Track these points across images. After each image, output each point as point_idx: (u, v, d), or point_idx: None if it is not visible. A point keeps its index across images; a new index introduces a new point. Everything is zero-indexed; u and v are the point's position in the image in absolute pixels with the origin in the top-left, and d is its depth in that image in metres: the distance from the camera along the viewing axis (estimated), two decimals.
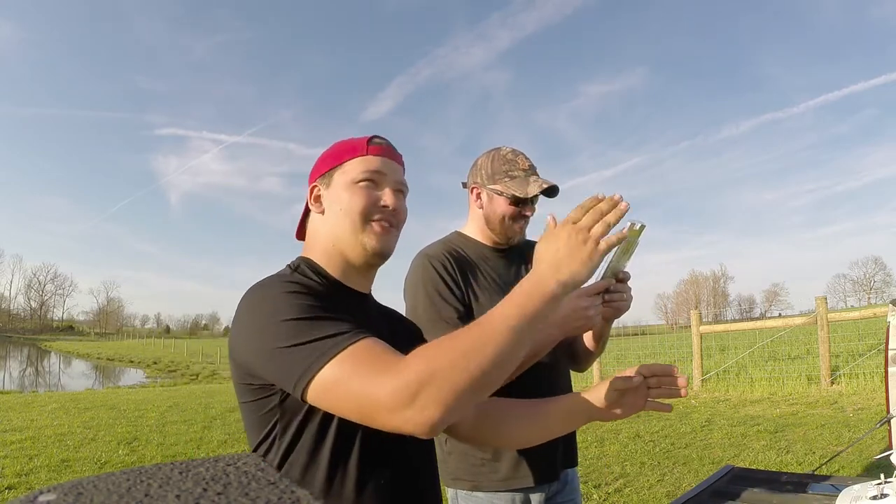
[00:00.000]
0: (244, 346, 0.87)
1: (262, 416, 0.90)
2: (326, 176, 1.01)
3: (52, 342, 64.42)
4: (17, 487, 4.36)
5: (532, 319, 0.78)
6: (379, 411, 0.75)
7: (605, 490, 4.04)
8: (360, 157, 1.00)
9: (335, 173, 1.00)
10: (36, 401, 10.34)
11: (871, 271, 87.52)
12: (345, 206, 0.97)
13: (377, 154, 1.01)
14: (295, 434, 0.88)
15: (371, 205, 0.97)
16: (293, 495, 0.27)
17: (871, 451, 4.32)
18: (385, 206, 0.98)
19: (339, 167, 1.00)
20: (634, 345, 11.70)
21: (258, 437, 0.91)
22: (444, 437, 1.37)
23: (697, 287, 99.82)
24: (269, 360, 0.83)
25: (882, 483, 1.22)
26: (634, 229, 1.15)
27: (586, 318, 1.19)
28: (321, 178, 1.02)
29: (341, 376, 0.78)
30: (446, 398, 0.73)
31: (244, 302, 0.89)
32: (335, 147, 1.04)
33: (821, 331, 7.39)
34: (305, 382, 0.79)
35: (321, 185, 1.02)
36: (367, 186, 0.98)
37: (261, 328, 0.84)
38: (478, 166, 1.47)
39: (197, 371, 25.85)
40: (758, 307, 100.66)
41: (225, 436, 6.57)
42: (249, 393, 0.90)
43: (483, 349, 0.75)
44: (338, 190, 0.99)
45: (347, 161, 1.00)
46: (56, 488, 0.27)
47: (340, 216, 0.97)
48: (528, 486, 1.36)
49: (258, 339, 0.84)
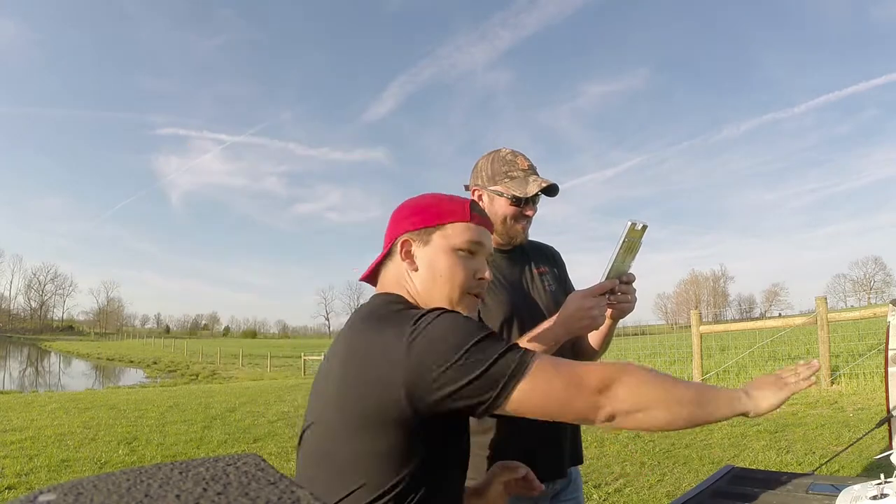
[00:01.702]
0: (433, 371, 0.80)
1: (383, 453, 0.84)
2: (424, 233, 0.99)
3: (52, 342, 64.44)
4: (17, 487, 4.36)
5: (716, 419, 0.89)
6: (584, 392, 0.81)
7: (605, 490, 4.04)
8: (465, 223, 0.99)
9: (435, 234, 0.98)
10: (36, 401, 10.34)
11: (871, 271, 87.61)
12: (445, 273, 0.96)
13: (479, 224, 1.01)
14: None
15: (472, 277, 0.98)
16: (293, 495, 0.27)
17: (871, 451, 4.32)
18: (482, 279, 0.99)
19: (441, 228, 0.98)
20: (634, 345, 11.70)
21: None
22: None
23: (697, 287, 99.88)
24: (469, 381, 0.80)
25: (882, 483, 1.22)
26: (636, 229, 1.15)
27: (591, 318, 1.19)
28: (417, 234, 0.99)
29: (545, 372, 0.82)
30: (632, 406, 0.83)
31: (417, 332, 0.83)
32: (433, 203, 1.01)
33: (821, 331, 7.39)
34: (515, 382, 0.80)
35: (416, 242, 0.99)
36: (467, 257, 0.98)
37: (453, 348, 0.81)
38: (478, 168, 1.48)
39: (197, 371, 25.88)
40: (758, 307, 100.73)
41: (225, 436, 6.56)
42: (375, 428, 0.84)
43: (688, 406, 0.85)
44: (437, 253, 0.97)
45: (450, 224, 0.98)
46: (56, 488, 0.27)
47: (440, 281, 0.97)
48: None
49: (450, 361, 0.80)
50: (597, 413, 0.82)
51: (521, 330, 1.36)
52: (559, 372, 0.83)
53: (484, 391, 0.80)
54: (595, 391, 0.81)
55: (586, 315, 1.19)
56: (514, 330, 1.38)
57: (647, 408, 0.82)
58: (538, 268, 1.51)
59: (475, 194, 1.48)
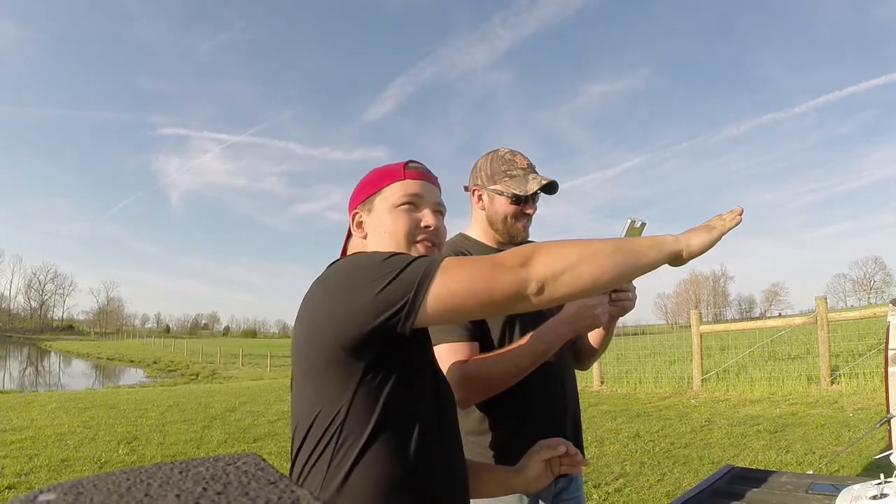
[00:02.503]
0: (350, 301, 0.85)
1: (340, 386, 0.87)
2: (367, 202, 1.06)
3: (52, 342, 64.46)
4: (17, 487, 4.36)
5: (647, 264, 0.90)
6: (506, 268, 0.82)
7: (605, 490, 4.04)
8: (399, 181, 1.05)
9: (376, 199, 1.05)
10: (36, 400, 10.33)
11: (871, 271, 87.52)
12: (389, 229, 1.02)
13: (415, 178, 1.06)
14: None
15: (414, 226, 1.03)
16: (293, 495, 0.27)
17: (871, 451, 4.32)
18: (427, 226, 1.04)
19: (379, 193, 1.05)
20: (634, 344, 11.68)
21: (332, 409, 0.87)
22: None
23: (697, 287, 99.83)
24: (378, 296, 0.82)
25: (882, 483, 1.22)
26: (636, 227, 1.16)
27: (595, 316, 1.21)
28: (362, 205, 1.07)
29: (460, 262, 0.85)
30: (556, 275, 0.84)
31: (331, 278, 0.90)
32: (372, 174, 1.09)
33: (821, 331, 7.39)
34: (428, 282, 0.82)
35: (362, 212, 1.07)
36: (408, 209, 1.03)
37: (364, 275, 0.85)
38: (477, 168, 1.49)
39: (197, 371, 25.88)
40: (758, 307, 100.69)
41: (225, 435, 6.57)
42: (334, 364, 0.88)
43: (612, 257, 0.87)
44: (380, 214, 1.04)
45: (387, 186, 1.05)
46: (56, 488, 0.27)
47: (385, 238, 1.02)
48: None
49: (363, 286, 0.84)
50: (526, 286, 0.82)
51: (522, 330, 1.36)
52: (475, 260, 0.86)
53: (400, 296, 0.82)
54: (516, 266, 0.83)
55: (590, 313, 1.21)
56: (516, 330, 1.38)
57: (572, 266, 0.83)
58: None
59: (475, 194, 1.49)
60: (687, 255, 0.94)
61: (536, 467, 1.12)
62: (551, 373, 1.37)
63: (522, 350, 1.26)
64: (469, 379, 1.25)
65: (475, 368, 1.26)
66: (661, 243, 0.92)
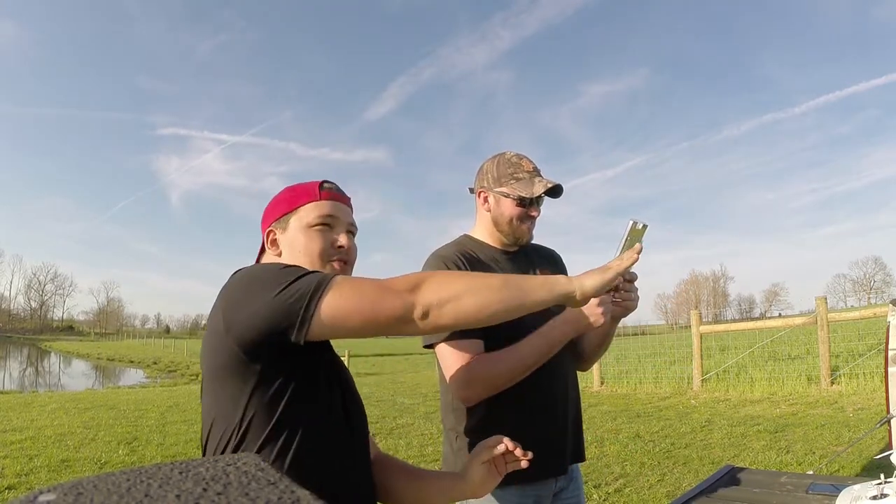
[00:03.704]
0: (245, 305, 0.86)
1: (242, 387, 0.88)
2: (282, 221, 1.08)
3: (52, 342, 64.44)
4: (17, 487, 4.36)
5: (536, 301, 0.91)
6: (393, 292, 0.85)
7: (605, 490, 4.04)
8: (314, 201, 1.07)
9: (291, 218, 1.07)
10: (36, 401, 10.34)
11: (871, 271, 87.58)
12: (303, 248, 1.04)
13: (329, 199, 1.08)
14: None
15: (329, 246, 1.05)
16: (293, 495, 0.27)
17: (871, 451, 4.32)
18: (340, 246, 1.06)
19: (294, 213, 1.07)
20: (634, 345, 11.67)
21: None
22: (455, 434, 1.40)
23: (697, 287, 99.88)
24: (272, 301, 0.84)
25: (882, 483, 1.22)
26: (638, 229, 1.16)
27: (597, 315, 1.23)
28: (277, 223, 1.08)
29: (352, 282, 0.87)
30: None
31: (232, 285, 0.91)
32: (287, 193, 1.10)
33: (821, 331, 7.39)
34: (319, 296, 0.83)
35: (277, 230, 1.08)
36: (322, 230, 1.05)
37: (260, 282, 0.87)
38: (484, 171, 1.50)
39: (197, 371, 25.85)
40: (758, 307, 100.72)
41: None
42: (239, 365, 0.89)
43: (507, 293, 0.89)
44: (295, 233, 1.05)
45: (302, 206, 1.06)
46: (56, 488, 0.27)
47: (300, 257, 1.03)
48: (538, 479, 1.37)
49: (259, 291, 0.86)
50: (412, 311, 0.84)
51: (526, 329, 1.37)
52: (365, 281, 0.88)
53: (292, 309, 0.83)
54: (405, 290, 0.85)
55: (593, 313, 1.23)
56: (520, 328, 1.38)
57: (457, 297, 0.86)
58: (541, 270, 1.53)
59: (481, 196, 1.50)
60: (581, 297, 0.96)
61: (479, 471, 1.09)
62: (552, 372, 1.37)
63: (527, 348, 1.27)
64: (474, 377, 1.27)
65: (480, 366, 1.28)
66: (553, 283, 0.94)
